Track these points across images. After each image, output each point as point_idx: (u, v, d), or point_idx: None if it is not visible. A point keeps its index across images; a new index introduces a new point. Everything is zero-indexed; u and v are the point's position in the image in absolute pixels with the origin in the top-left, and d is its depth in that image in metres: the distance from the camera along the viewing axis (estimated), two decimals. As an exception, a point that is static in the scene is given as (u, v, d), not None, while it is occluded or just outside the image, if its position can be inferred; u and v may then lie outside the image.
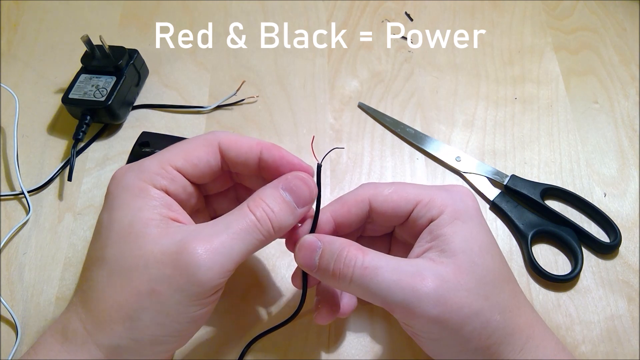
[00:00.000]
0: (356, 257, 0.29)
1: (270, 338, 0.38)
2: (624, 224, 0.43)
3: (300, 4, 0.59)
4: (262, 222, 0.29)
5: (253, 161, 0.32)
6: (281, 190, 0.30)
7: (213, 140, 0.32)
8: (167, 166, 0.31)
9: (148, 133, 0.48)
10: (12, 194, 0.46)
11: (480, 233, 0.31)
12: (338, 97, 0.52)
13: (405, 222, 0.33)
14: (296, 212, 0.30)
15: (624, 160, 0.47)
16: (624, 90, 0.52)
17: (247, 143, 0.32)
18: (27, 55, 0.55)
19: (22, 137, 0.49)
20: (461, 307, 0.28)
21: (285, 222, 0.30)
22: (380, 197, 0.33)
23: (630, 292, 0.40)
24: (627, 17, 0.57)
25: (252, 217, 0.29)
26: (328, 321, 0.35)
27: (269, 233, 0.29)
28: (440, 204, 0.31)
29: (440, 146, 0.48)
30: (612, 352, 0.38)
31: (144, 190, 0.30)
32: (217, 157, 0.32)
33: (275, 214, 0.29)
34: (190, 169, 0.31)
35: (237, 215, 0.29)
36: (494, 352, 0.29)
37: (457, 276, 0.28)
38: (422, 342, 0.31)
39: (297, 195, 0.30)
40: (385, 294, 0.28)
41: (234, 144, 0.32)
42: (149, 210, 0.29)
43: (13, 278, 0.42)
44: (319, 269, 0.30)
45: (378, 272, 0.28)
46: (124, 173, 0.30)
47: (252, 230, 0.29)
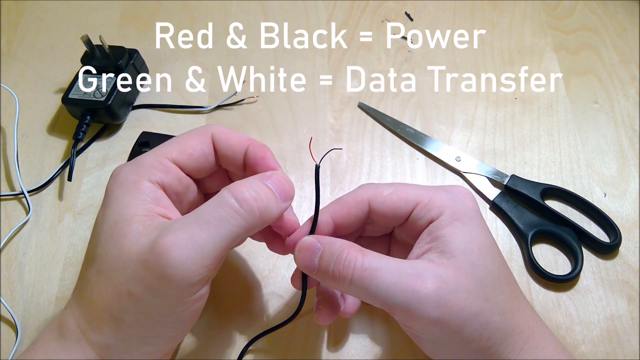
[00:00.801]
0: (356, 258, 0.29)
1: (270, 338, 0.38)
2: (624, 224, 0.43)
3: (300, 4, 0.59)
4: (245, 205, 0.27)
5: (239, 155, 0.32)
6: (264, 179, 0.29)
7: (206, 130, 0.32)
8: (162, 158, 0.30)
9: (148, 133, 0.48)
10: (12, 194, 0.46)
11: (479, 234, 0.31)
12: (338, 97, 0.52)
13: (405, 223, 0.33)
14: (279, 204, 0.29)
15: (624, 160, 0.47)
16: (624, 90, 0.52)
17: (237, 137, 0.32)
18: (27, 55, 0.55)
19: (22, 137, 0.49)
20: (461, 309, 0.28)
21: (270, 207, 0.28)
22: (380, 198, 0.33)
23: (630, 292, 0.40)
24: (627, 17, 0.57)
25: (231, 200, 0.27)
26: (329, 321, 0.35)
27: (252, 217, 0.27)
28: (440, 205, 0.31)
29: (440, 146, 0.48)
30: (612, 352, 0.38)
31: (136, 184, 0.29)
32: (211, 147, 0.32)
33: (262, 197, 0.28)
34: (186, 158, 0.31)
35: (212, 202, 0.27)
36: (494, 353, 0.29)
37: (457, 278, 0.28)
38: (422, 344, 0.31)
39: (278, 187, 0.29)
40: (385, 295, 0.28)
41: (224, 135, 0.32)
42: (136, 207, 0.28)
43: (13, 278, 0.42)
44: (318, 270, 0.30)
45: (378, 273, 0.28)
46: (121, 169, 0.30)
47: (229, 217, 0.27)
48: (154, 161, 0.30)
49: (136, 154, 0.46)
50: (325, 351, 0.38)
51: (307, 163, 0.48)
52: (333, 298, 0.35)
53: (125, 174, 0.30)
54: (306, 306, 0.35)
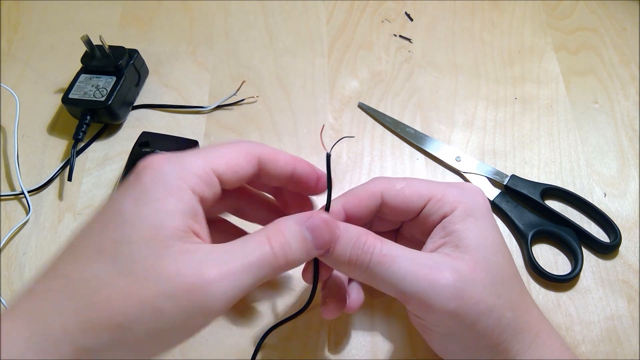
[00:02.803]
0: (374, 244, 0.29)
1: (270, 338, 0.38)
2: (624, 224, 0.43)
3: (300, 4, 0.59)
4: (279, 256, 0.28)
5: (287, 175, 0.32)
6: (305, 229, 0.29)
7: (254, 151, 0.31)
8: (210, 170, 0.29)
9: (148, 133, 0.48)
10: (12, 194, 0.46)
11: (492, 231, 0.31)
12: (338, 97, 0.52)
13: (416, 218, 0.33)
14: (311, 253, 0.29)
15: (624, 160, 0.47)
16: (624, 90, 0.52)
17: (284, 158, 0.32)
18: (27, 55, 0.55)
19: (22, 137, 0.49)
20: (477, 302, 0.28)
21: (298, 260, 0.29)
22: (392, 191, 0.33)
23: (630, 292, 0.40)
24: (627, 17, 0.57)
25: (268, 249, 0.27)
26: (335, 316, 0.35)
27: (279, 268, 0.28)
28: (453, 201, 0.31)
29: (440, 146, 0.48)
30: (612, 352, 0.38)
31: (180, 191, 0.27)
32: (255, 169, 0.31)
33: (292, 250, 0.28)
34: (230, 175, 0.30)
35: (255, 243, 0.28)
36: (504, 349, 0.29)
37: (474, 271, 0.29)
38: (433, 338, 0.31)
39: (317, 237, 0.29)
40: (402, 283, 0.28)
41: (273, 157, 0.32)
42: (179, 218, 0.26)
43: (13, 278, 0.42)
44: (334, 254, 0.30)
45: (395, 260, 0.28)
46: (164, 165, 0.27)
47: (266, 263, 0.27)
48: (201, 170, 0.28)
49: (136, 154, 0.46)
50: (326, 351, 0.38)
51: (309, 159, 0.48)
52: (340, 293, 0.35)
53: (169, 174, 0.27)
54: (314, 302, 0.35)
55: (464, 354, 0.31)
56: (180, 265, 0.25)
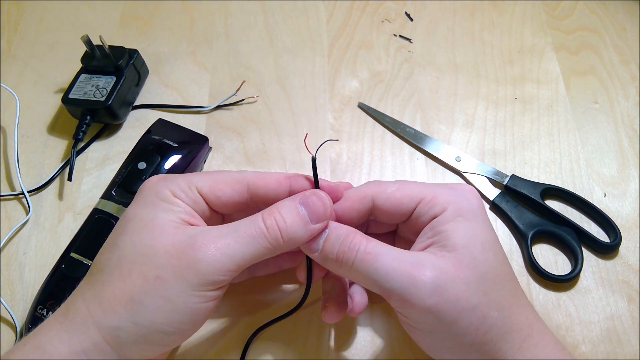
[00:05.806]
0: (360, 242, 0.30)
1: (270, 338, 0.38)
2: (624, 224, 0.43)
3: (300, 4, 0.59)
4: (271, 230, 0.30)
5: (284, 195, 0.33)
6: (298, 203, 0.31)
7: (242, 179, 0.33)
8: (193, 187, 0.32)
9: (164, 121, 0.48)
10: (12, 194, 0.46)
11: (483, 231, 0.31)
12: (338, 97, 0.52)
13: (408, 220, 0.33)
14: (309, 227, 0.31)
15: (624, 160, 0.47)
16: (624, 90, 0.52)
17: (275, 180, 0.33)
18: (27, 55, 0.55)
19: (22, 137, 0.49)
20: (458, 300, 0.28)
21: (296, 233, 0.30)
22: (384, 195, 0.33)
23: (630, 292, 0.40)
24: (627, 17, 0.57)
25: (261, 224, 0.30)
26: (336, 319, 0.35)
27: (276, 242, 0.30)
28: (444, 202, 0.32)
29: (440, 146, 0.48)
30: (612, 352, 0.38)
31: (170, 197, 0.32)
32: (244, 195, 0.33)
33: (287, 225, 0.30)
34: (213, 199, 0.33)
35: (248, 221, 0.30)
36: (491, 349, 0.29)
37: (457, 270, 0.29)
38: (418, 335, 0.31)
39: (311, 210, 0.31)
40: (384, 280, 0.29)
41: (261, 183, 0.33)
42: (173, 214, 0.31)
43: (13, 278, 0.42)
44: (322, 251, 0.31)
45: (379, 257, 0.29)
46: (158, 181, 0.33)
47: (258, 237, 0.30)
48: (186, 186, 0.32)
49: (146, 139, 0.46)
50: (326, 350, 0.38)
51: (307, 162, 0.48)
52: (340, 296, 0.35)
53: (161, 186, 0.32)
54: (307, 306, 0.35)
55: (451, 353, 0.31)
56: (174, 239, 0.29)
